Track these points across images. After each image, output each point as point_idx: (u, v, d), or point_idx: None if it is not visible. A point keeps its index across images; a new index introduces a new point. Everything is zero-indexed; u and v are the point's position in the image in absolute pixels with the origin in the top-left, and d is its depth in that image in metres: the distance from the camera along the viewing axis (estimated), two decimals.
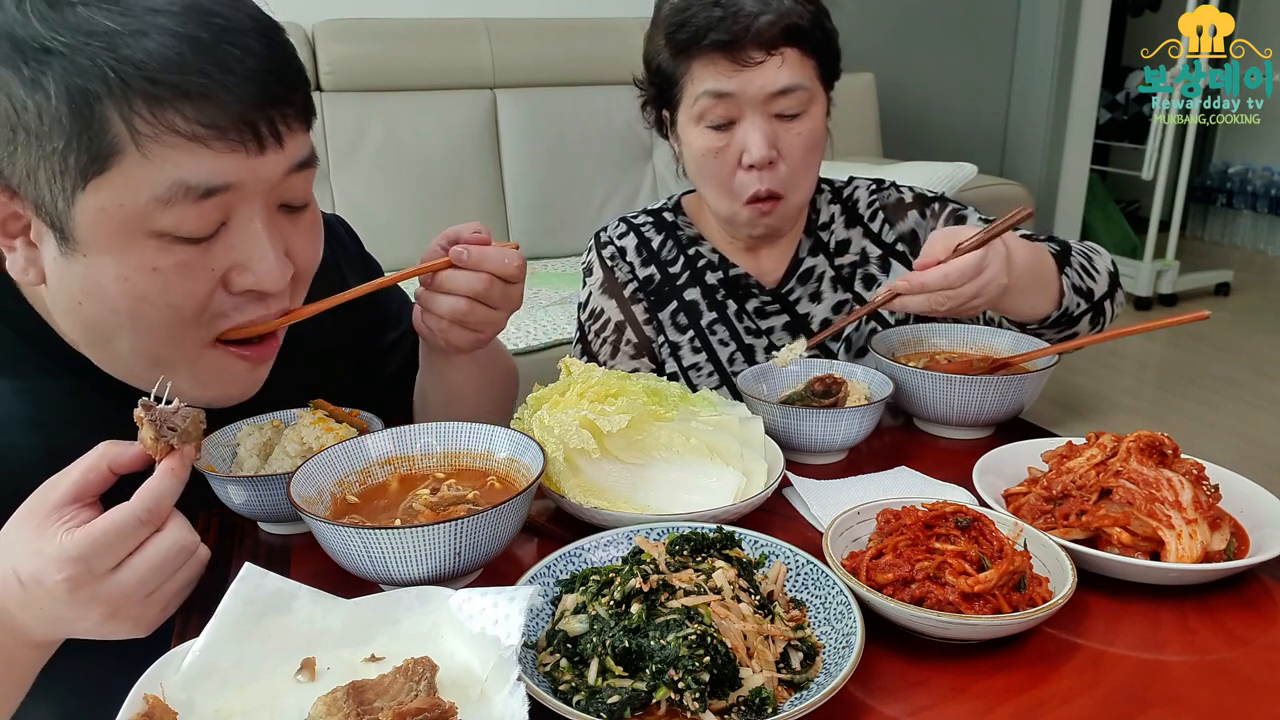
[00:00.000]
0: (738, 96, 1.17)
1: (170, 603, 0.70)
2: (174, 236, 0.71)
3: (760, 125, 1.18)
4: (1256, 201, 5.33)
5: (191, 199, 0.70)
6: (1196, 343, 4.19)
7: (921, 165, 3.17)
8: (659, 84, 1.27)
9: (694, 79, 1.20)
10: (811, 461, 1.04)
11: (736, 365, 1.33)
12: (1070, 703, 0.64)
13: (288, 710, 0.60)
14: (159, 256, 0.72)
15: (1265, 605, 0.75)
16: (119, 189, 0.68)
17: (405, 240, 3.01)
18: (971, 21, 4.39)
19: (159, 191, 0.69)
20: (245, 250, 0.75)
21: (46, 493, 0.68)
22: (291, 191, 0.79)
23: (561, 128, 3.15)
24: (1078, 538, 0.79)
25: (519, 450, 0.86)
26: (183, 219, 0.71)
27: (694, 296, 1.34)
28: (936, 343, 1.23)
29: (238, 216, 0.74)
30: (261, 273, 0.76)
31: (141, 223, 0.70)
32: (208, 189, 0.70)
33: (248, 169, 0.72)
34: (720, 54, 1.16)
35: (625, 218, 1.41)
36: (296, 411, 0.93)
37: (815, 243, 1.36)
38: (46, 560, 0.64)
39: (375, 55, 3.00)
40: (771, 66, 1.16)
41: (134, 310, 0.74)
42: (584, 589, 0.69)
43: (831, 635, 0.68)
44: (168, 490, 0.68)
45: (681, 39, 1.18)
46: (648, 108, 1.34)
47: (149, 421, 0.69)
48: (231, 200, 0.73)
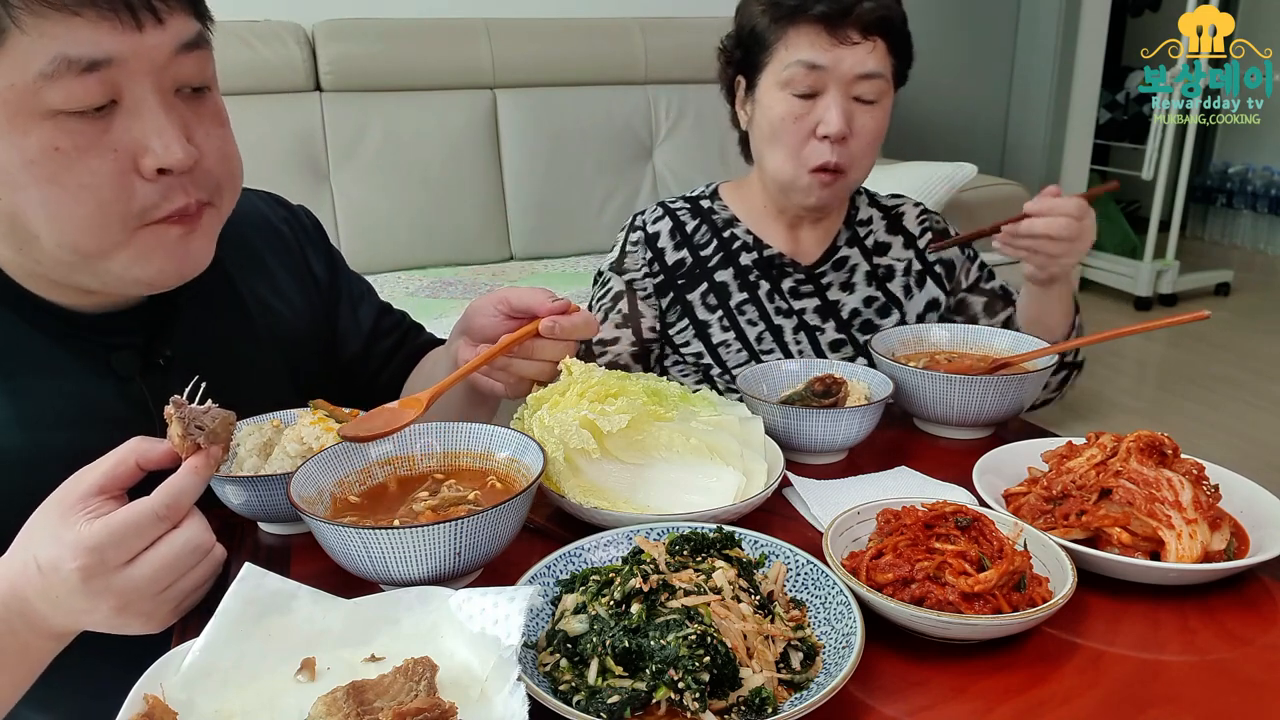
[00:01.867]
0: (828, 71, 1.23)
1: (183, 601, 0.71)
2: (67, 113, 0.72)
3: (840, 102, 1.24)
4: (1256, 201, 5.33)
5: (75, 72, 0.71)
6: (1196, 343, 4.19)
7: (921, 165, 3.16)
8: (749, 46, 1.32)
9: (789, 46, 1.25)
10: (811, 461, 1.04)
11: (765, 344, 1.37)
12: (1070, 703, 0.64)
13: (288, 710, 0.60)
14: (58, 136, 0.73)
15: (1265, 605, 0.75)
16: (7, 69, 0.70)
17: (405, 240, 3.01)
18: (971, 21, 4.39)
19: (43, 66, 0.70)
20: (141, 128, 0.76)
21: (74, 483, 0.69)
22: (184, 73, 0.79)
23: (561, 128, 3.15)
24: (1078, 538, 0.80)
25: (519, 450, 0.86)
26: (70, 94, 0.72)
27: (725, 278, 1.38)
28: (936, 343, 1.23)
29: (129, 95, 0.75)
30: (160, 148, 0.76)
31: (34, 102, 0.71)
32: (90, 61, 0.71)
33: (128, 45, 0.73)
34: (822, 26, 1.22)
35: (663, 202, 1.45)
36: (296, 411, 0.93)
37: (853, 236, 1.42)
38: (64, 548, 0.65)
39: (375, 55, 3.00)
40: (864, 49, 1.23)
41: (49, 197, 0.75)
42: (584, 589, 0.69)
43: (831, 635, 0.68)
44: (189, 488, 0.69)
45: (787, 4, 1.24)
46: (725, 70, 1.39)
47: (178, 419, 0.70)
48: (117, 76, 0.74)
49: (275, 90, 2.88)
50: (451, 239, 3.04)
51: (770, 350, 1.36)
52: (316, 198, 2.89)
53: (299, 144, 2.89)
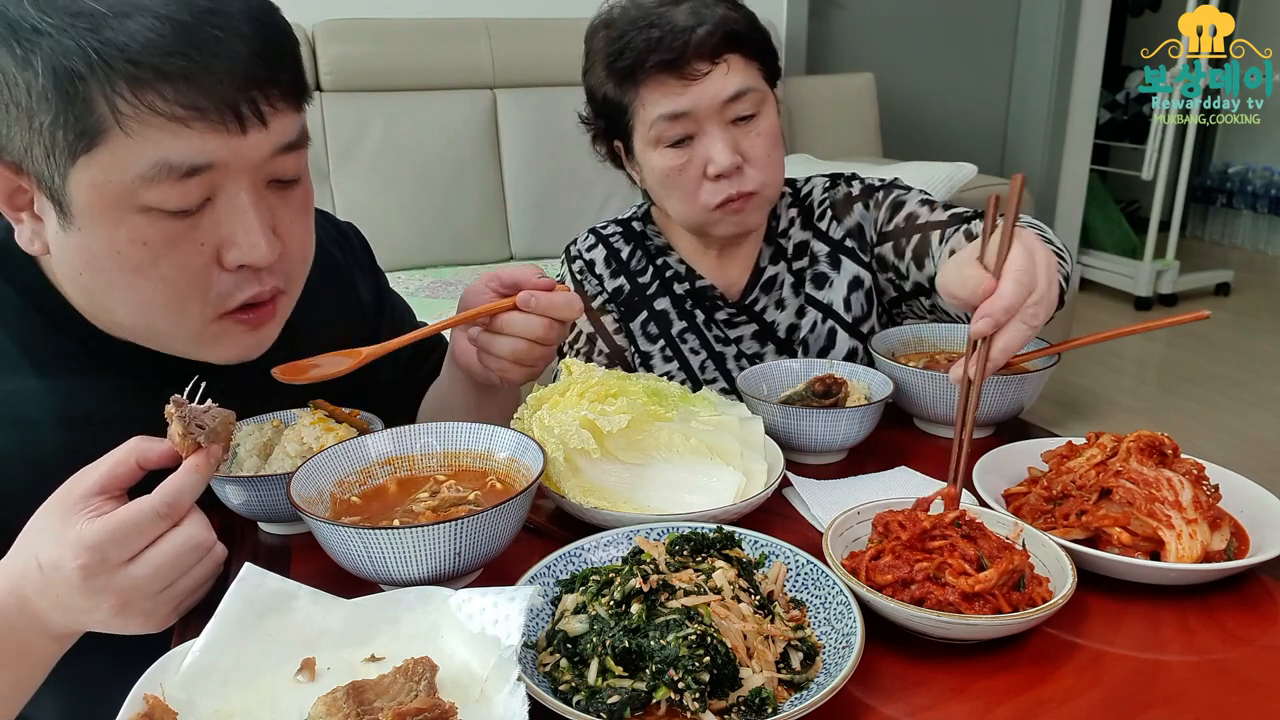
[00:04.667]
0: (692, 113, 1.16)
1: (184, 600, 0.71)
2: (161, 211, 0.74)
3: (719, 135, 1.17)
4: (1256, 201, 5.32)
5: (175, 177, 0.72)
6: (1196, 343, 4.19)
7: (921, 165, 3.16)
8: (608, 115, 1.27)
9: (644, 104, 1.19)
10: (811, 461, 1.04)
11: (708, 373, 1.34)
12: (1070, 703, 0.64)
13: (288, 710, 0.60)
14: (148, 231, 0.74)
15: (1265, 605, 0.75)
16: (106, 166, 0.71)
17: (405, 240, 3.01)
18: (971, 21, 4.39)
19: (143, 170, 0.71)
20: (231, 225, 0.77)
21: (75, 483, 0.69)
22: (281, 169, 0.80)
23: (561, 128, 3.14)
24: (1078, 538, 0.80)
25: (519, 451, 0.86)
26: (167, 196, 0.73)
27: (664, 306, 1.34)
28: (936, 343, 1.23)
29: (224, 193, 0.76)
30: (247, 246, 0.77)
31: (129, 198, 0.73)
32: (191, 168, 0.72)
33: (230, 148, 0.74)
34: (667, 73, 1.15)
35: (594, 229, 1.40)
36: (296, 411, 0.93)
37: (776, 250, 1.36)
38: (65, 546, 0.65)
39: (375, 55, 3.00)
40: (718, 75, 1.16)
41: (130, 284, 0.77)
42: (584, 589, 0.69)
43: (831, 635, 0.68)
44: (189, 486, 0.69)
45: (624, 66, 1.18)
46: (597, 142, 1.34)
47: (178, 418, 0.71)
48: (216, 178, 0.75)
49: None
50: (451, 239, 3.04)
51: (713, 380, 1.33)
52: (317, 198, 2.87)
53: None
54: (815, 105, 3.57)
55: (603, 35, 1.22)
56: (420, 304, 2.65)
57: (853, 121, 3.65)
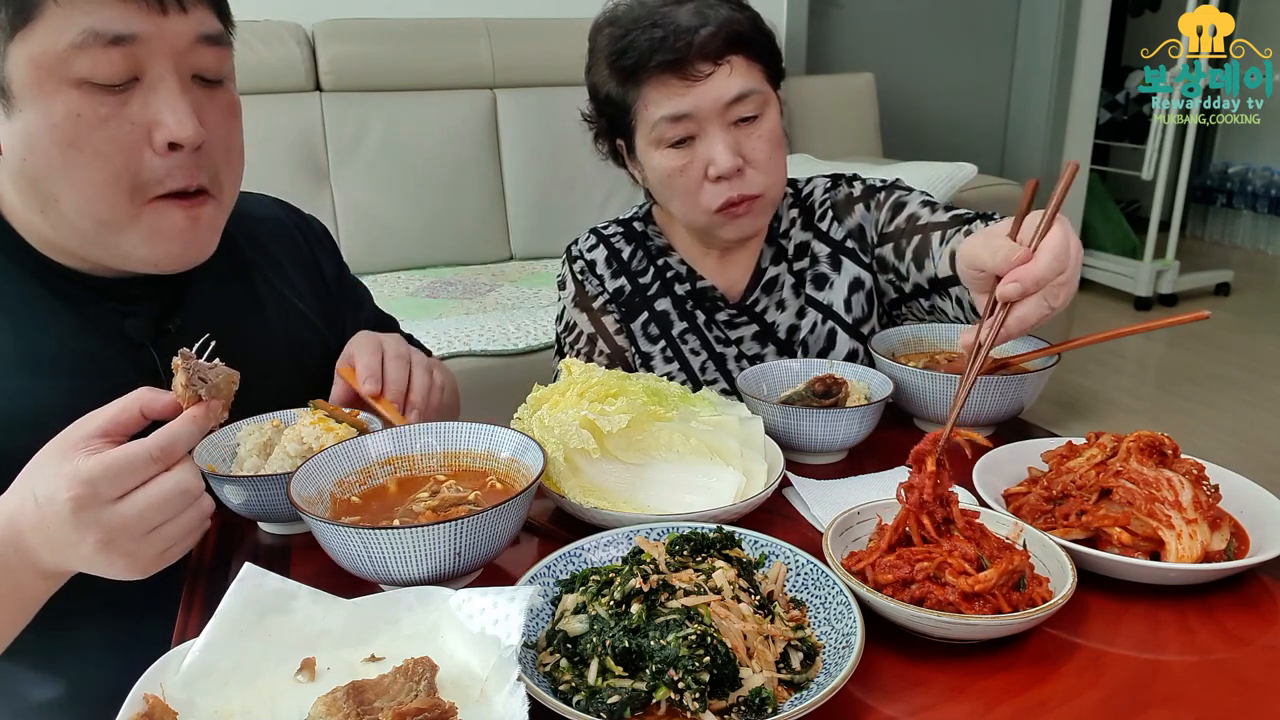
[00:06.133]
0: (694, 114, 1.16)
1: (169, 548, 0.71)
2: (91, 84, 0.79)
3: (721, 136, 1.17)
4: (1256, 201, 5.33)
5: (101, 44, 0.78)
6: (1196, 343, 4.19)
7: (921, 165, 3.16)
8: (610, 114, 1.26)
9: (647, 104, 1.18)
10: (811, 461, 1.04)
11: (709, 374, 1.33)
12: (1070, 703, 0.64)
13: (288, 710, 0.60)
14: (81, 104, 0.80)
15: (1265, 605, 0.75)
16: (40, 38, 0.78)
17: (405, 240, 3.01)
18: (971, 21, 4.39)
19: (73, 37, 0.77)
20: (158, 105, 0.82)
21: (79, 426, 0.71)
22: (202, 62, 0.85)
23: (562, 128, 3.14)
24: (1078, 538, 0.80)
25: (519, 451, 0.86)
26: (96, 64, 0.79)
27: (665, 307, 1.34)
28: (936, 343, 1.23)
29: (150, 74, 0.82)
30: (174, 124, 0.82)
31: (63, 68, 0.78)
32: (115, 36, 0.79)
33: (152, 25, 0.80)
34: (669, 74, 1.15)
35: (595, 229, 1.40)
36: (296, 411, 0.93)
37: (777, 251, 1.35)
38: (60, 479, 0.67)
39: (375, 55, 3.00)
40: (721, 76, 1.15)
41: (68, 161, 0.81)
42: (584, 589, 0.69)
43: (831, 635, 0.68)
44: (184, 434, 0.71)
45: (627, 65, 1.17)
46: (599, 140, 1.34)
47: (183, 369, 0.72)
48: (140, 54, 0.80)
49: (275, 90, 2.88)
50: (451, 239, 3.04)
51: (714, 380, 1.33)
52: (316, 198, 2.89)
53: (299, 144, 2.89)
54: (815, 105, 3.57)
55: (606, 33, 1.22)
56: (420, 304, 2.65)
57: (853, 121, 3.65)
